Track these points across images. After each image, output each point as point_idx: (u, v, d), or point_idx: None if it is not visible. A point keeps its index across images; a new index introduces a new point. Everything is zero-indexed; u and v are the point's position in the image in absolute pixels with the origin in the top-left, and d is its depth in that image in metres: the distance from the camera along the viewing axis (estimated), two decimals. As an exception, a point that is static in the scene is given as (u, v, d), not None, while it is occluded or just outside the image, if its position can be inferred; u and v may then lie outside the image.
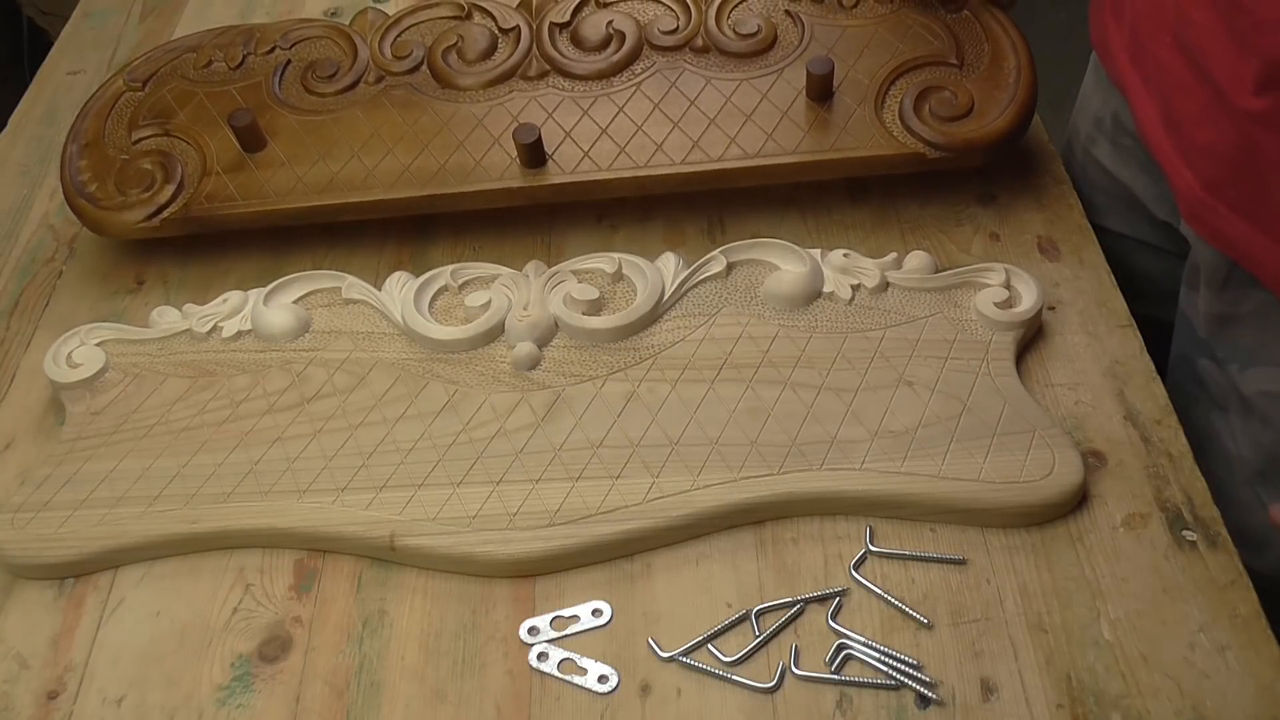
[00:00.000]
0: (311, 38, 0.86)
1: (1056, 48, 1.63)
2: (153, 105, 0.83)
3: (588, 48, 0.82)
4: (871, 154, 0.74)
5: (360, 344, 0.72)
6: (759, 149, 0.75)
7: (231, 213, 0.77)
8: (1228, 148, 0.66)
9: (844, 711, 0.56)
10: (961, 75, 0.77)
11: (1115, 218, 0.84)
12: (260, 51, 0.85)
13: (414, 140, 0.79)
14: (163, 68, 0.85)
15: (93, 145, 0.81)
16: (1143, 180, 0.81)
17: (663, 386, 0.68)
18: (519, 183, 0.76)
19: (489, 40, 0.83)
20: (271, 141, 0.80)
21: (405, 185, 0.76)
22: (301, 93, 0.83)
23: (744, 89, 0.78)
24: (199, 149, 0.80)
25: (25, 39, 1.69)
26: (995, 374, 0.67)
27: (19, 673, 0.60)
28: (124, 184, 0.78)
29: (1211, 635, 0.57)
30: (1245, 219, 0.67)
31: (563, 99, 0.80)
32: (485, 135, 0.78)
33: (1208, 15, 0.65)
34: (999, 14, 0.81)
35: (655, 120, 0.77)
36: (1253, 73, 0.62)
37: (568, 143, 0.77)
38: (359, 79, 0.82)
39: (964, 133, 0.74)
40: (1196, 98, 0.68)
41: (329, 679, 0.59)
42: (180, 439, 0.68)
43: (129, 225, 0.77)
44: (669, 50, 0.81)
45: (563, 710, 0.57)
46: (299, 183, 0.77)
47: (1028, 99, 0.76)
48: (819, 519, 0.63)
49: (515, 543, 0.61)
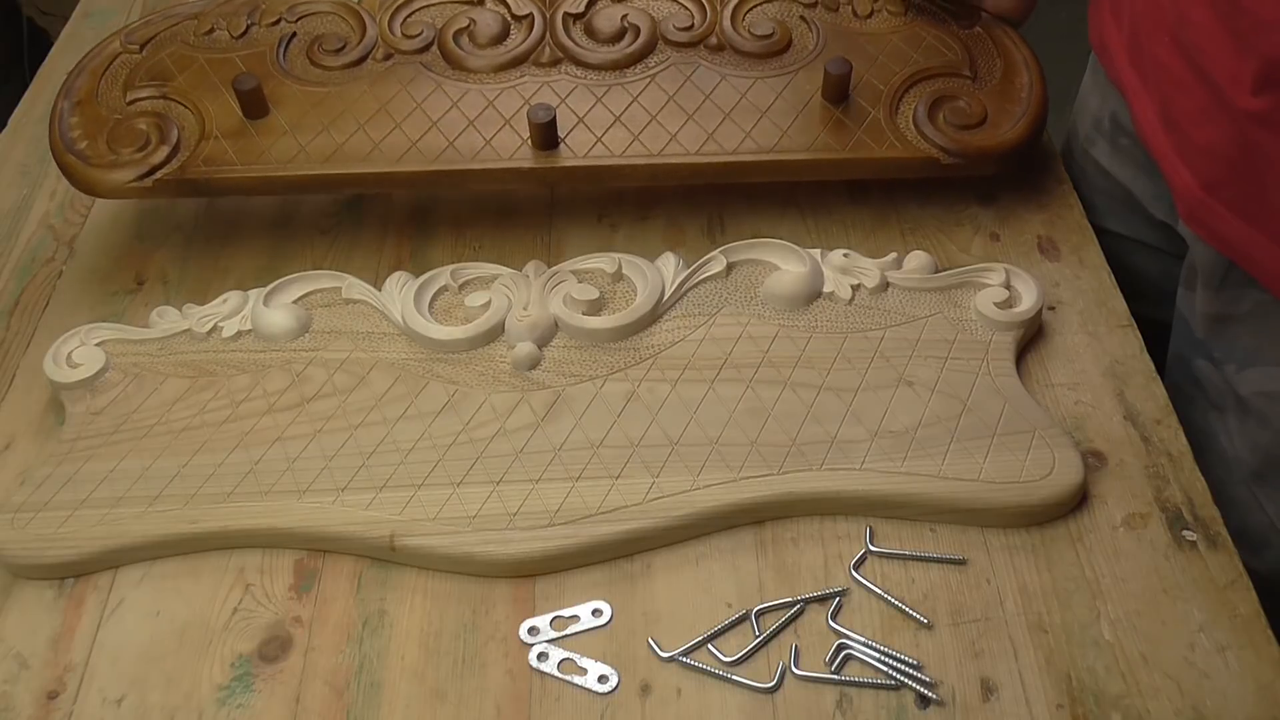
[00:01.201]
0: (318, 13, 0.84)
1: (1056, 48, 1.63)
2: (151, 68, 0.81)
3: (601, 39, 0.81)
4: (886, 156, 0.74)
5: (360, 344, 0.72)
6: (774, 144, 0.75)
7: (230, 177, 0.75)
8: (1226, 147, 0.66)
9: (844, 711, 0.56)
10: (975, 87, 0.78)
11: (1113, 218, 0.84)
12: (265, 23, 0.83)
13: (422, 117, 0.77)
14: (162, 32, 0.83)
15: (85, 103, 0.78)
16: (1141, 180, 0.81)
17: (663, 386, 0.68)
18: (530, 164, 0.75)
19: (501, 25, 0.82)
20: (274, 109, 0.78)
21: (412, 160, 0.75)
22: (307, 65, 0.81)
23: (759, 86, 0.78)
24: (197, 113, 0.78)
25: (25, 39, 1.69)
26: (995, 374, 0.67)
27: (19, 673, 0.60)
28: (116, 143, 0.76)
29: (1211, 635, 0.57)
30: (1243, 219, 0.67)
31: (576, 85, 0.79)
32: (496, 116, 0.77)
33: (1206, 15, 0.65)
34: (1011, 31, 0.81)
35: (670, 111, 0.77)
36: (1251, 72, 0.62)
37: (580, 128, 0.76)
38: (367, 54, 0.81)
39: (977, 141, 0.75)
40: (1195, 97, 0.68)
41: (329, 679, 0.59)
42: (180, 439, 0.68)
43: (119, 185, 0.75)
44: (683, 46, 0.81)
45: (563, 710, 0.57)
46: (301, 151, 0.76)
47: (1039, 113, 0.76)
48: (819, 519, 0.63)
49: (515, 543, 0.61)
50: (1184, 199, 0.71)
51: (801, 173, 0.75)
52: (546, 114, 0.73)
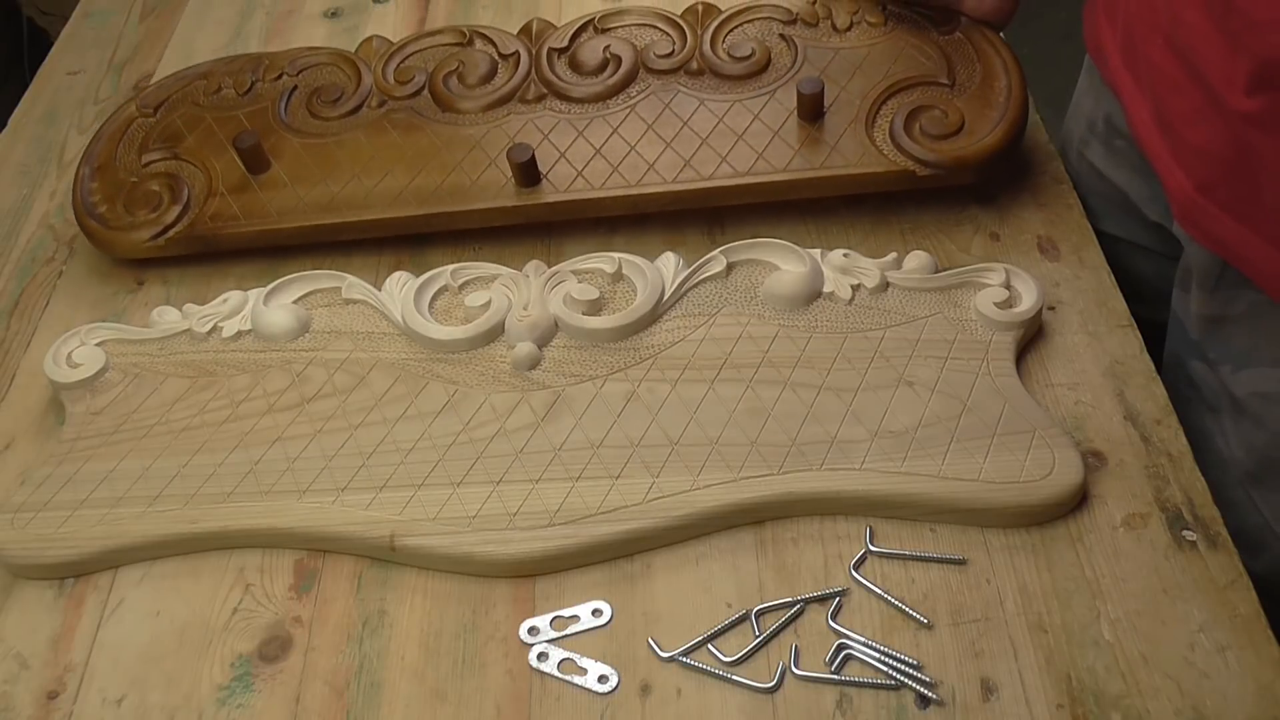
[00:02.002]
0: (318, 65, 0.88)
1: (1056, 48, 1.64)
2: (163, 130, 0.85)
3: (585, 71, 0.83)
4: (861, 171, 0.75)
5: (360, 344, 0.72)
6: (750, 167, 0.76)
7: (234, 232, 0.78)
8: (1220, 148, 0.66)
9: (844, 711, 0.56)
10: (952, 94, 0.78)
11: (1109, 220, 0.84)
12: (268, 78, 0.87)
13: (413, 161, 0.80)
14: (174, 94, 0.87)
15: (104, 168, 0.83)
16: (1135, 182, 0.81)
17: (663, 386, 0.68)
18: (513, 201, 0.77)
19: (489, 65, 0.84)
20: (275, 163, 0.81)
21: (403, 204, 0.78)
22: (306, 117, 0.84)
23: (736, 109, 0.79)
24: (205, 171, 0.82)
25: (25, 39, 1.69)
26: (995, 374, 0.67)
27: (19, 673, 0.60)
28: (132, 205, 0.80)
29: (1211, 635, 0.57)
30: (1237, 219, 0.67)
31: (558, 121, 0.81)
32: (482, 156, 0.80)
33: (1199, 16, 0.65)
34: (991, 35, 0.81)
35: (648, 140, 0.79)
36: (1244, 73, 0.62)
37: (562, 163, 0.78)
38: (362, 103, 0.84)
39: (954, 150, 0.75)
40: (1189, 98, 0.68)
41: (329, 679, 0.59)
42: (180, 439, 0.68)
43: (136, 245, 0.79)
44: (664, 73, 0.82)
45: (563, 710, 0.57)
46: (300, 202, 0.79)
47: (1018, 117, 0.76)
48: (819, 519, 0.63)
49: (515, 543, 0.61)
50: (1178, 200, 0.71)
51: (778, 194, 0.76)
52: (525, 153, 0.76)
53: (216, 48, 1.02)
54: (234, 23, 1.05)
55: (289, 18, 1.05)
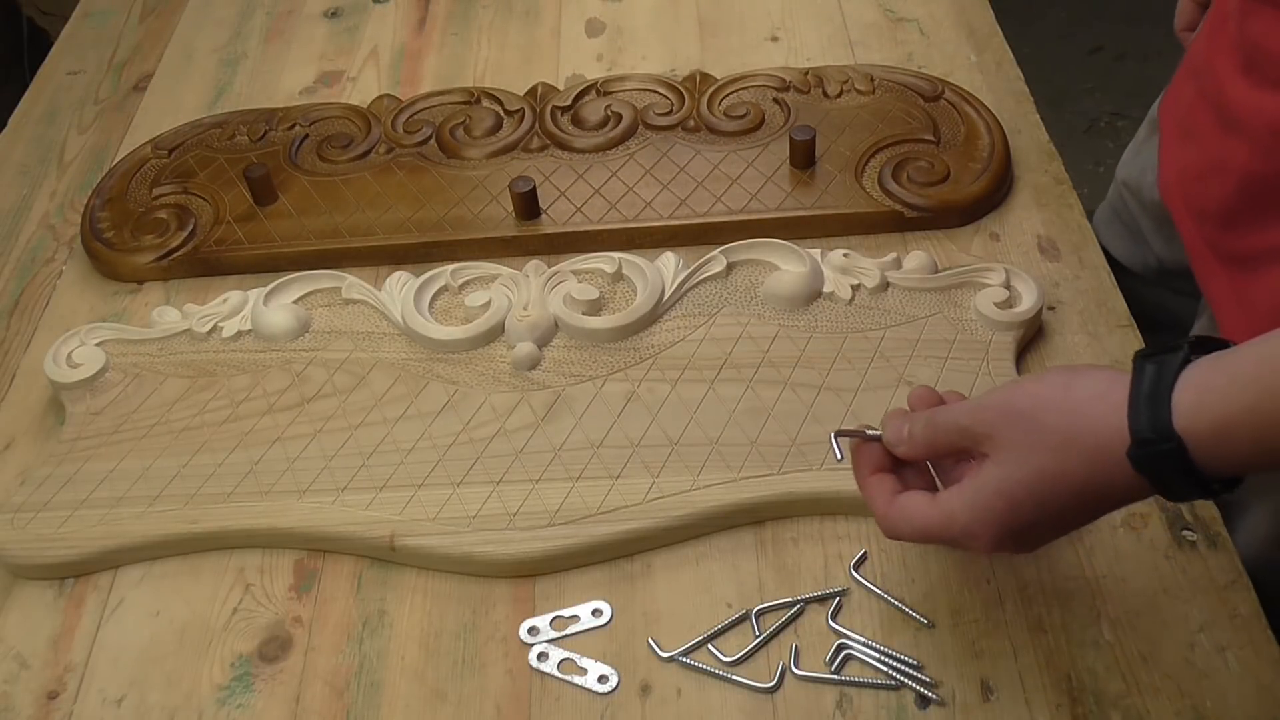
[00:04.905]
0: (330, 116, 0.91)
1: (1056, 48, 1.64)
2: (176, 168, 0.88)
3: (587, 127, 0.87)
4: (851, 211, 0.78)
5: (360, 344, 0.72)
6: (743, 206, 0.79)
7: (236, 255, 0.80)
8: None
9: (844, 711, 0.56)
10: (938, 149, 0.82)
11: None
12: (281, 128, 0.90)
13: (417, 197, 0.83)
14: (189, 139, 0.90)
15: (115, 200, 0.85)
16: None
17: (663, 386, 0.68)
18: (514, 232, 0.79)
19: (494, 120, 0.88)
20: (282, 196, 0.83)
21: (405, 233, 0.80)
22: (316, 160, 0.87)
23: (731, 158, 0.83)
24: (214, 203, 0.84)
25: (25, 39, 1.69)
26: (995, 374, 0.67)
27: (19, 673, 0.60)
28: (139, 231, 0.82)
29: (1211, 635, 0.57)
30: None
31: (560, 165, 0.84)
32: (484, 194, 0.83)
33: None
34: (974, 100, 0.85)
35: (646, 182, 0.82)
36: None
37: (561, 200, 0.81)
38: (371, 149, 0.87)
39: (940, 195, 0.78)
40: None
41: (329, 679, 0.59)
42: (180, 439, 0.68)
43: (139, 266, 0.80)
44: (663, 129, 0.87)
45: (563, 710, 0.57)
46: (304, 230, 0.81)
47: (1001, 171, 0.80)
48: (819, 519, 0.63)
49: (515, 543, 0.61)
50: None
51: (770, 231, 0.77)
52: (526, 185, 0.79)
53: (216, 47, 1.02)
54: (234, 23, 1.05)
55: (289, 18, 1.05)
